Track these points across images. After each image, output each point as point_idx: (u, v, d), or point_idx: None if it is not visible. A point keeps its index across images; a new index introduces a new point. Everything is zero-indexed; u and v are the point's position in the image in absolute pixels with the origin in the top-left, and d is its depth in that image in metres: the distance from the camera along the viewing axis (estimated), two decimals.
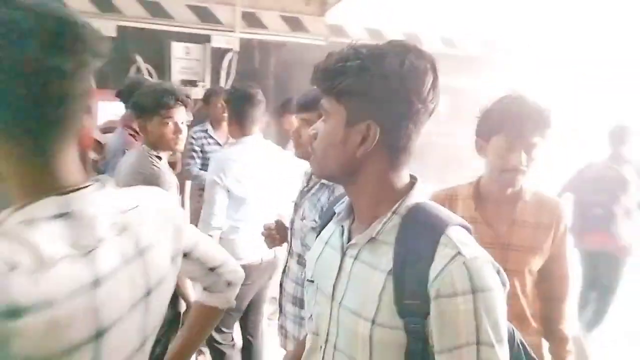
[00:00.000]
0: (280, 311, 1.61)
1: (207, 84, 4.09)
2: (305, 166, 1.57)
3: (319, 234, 0.95)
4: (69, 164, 0.61)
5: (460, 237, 0.73)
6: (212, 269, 0.89)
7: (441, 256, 0.70)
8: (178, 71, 4.06)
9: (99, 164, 2.34)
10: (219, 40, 4.09)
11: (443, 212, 0.79)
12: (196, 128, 3.23)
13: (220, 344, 2.20)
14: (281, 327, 1.60)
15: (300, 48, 4.33)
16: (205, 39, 4.07)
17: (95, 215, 0.60)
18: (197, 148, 3.08)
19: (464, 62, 4.63)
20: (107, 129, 2.93)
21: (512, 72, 4.34)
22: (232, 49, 4.13)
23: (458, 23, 4.65)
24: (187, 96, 1.84)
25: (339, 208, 0.88)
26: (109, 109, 3.51)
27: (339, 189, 1.26)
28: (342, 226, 0.85)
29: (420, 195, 0.81)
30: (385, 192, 0.79)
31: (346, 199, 0.88)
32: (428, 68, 0.75)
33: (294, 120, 1.73)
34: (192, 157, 3.17)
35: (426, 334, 0.70)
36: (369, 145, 0.76)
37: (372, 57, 0.73)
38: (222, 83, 4.15)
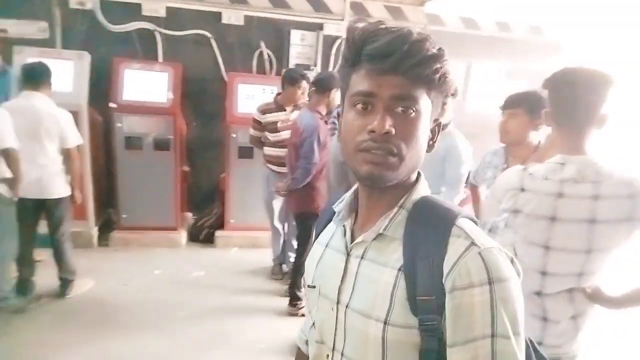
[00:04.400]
0: None
1: (319, 68, 4.53)
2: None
3: (317, 237, 0.90)
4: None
5: (471, 227, 0.70)
6: None
7: (455, 247, 0.67)
8: (294, 56, 4.51)
9: (297, 141, 2.86)
10: (330, 28, 4.53)
11: (449, 204, 0.75)
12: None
13: None
14: None
15: None
16: (318, 27, 4.51)
17: None
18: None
19: (516, 45, 4.93)
20: (265, 110, 3.39)
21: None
22: (341, 36, 4.56)
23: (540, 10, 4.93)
24: None
25: (339, 207, 0.82)
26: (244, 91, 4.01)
27: None
28: (344, 226, 0.81)
29: (425, 189, 0.78)
30: (401, 187, 0.75)
31: (345, 197, 0.83)
32: None
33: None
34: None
35: (442, 331, 0.67)
36: (435, 140, 0.77)
37: (440, 48, 0.70)
38: (330, 67, 4.59)
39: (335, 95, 2.92)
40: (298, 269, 3.11)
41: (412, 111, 0.69)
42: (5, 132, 2.57)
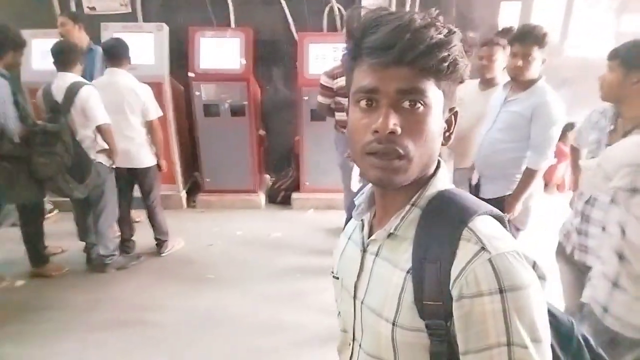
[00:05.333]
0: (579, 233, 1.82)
1: None
2: None
3: (344, 227, 0.90)
4: None
5: (486, 229, 0.65)
6: None
7: (464, 253, 0.63)
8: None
9: None
10: None
11: (469, 200, 0.69)
12: None
13: None
14: (580, 245, 1.82)
15: None
16: None
17: None
18: None
19: None
20: (335, 74, 3.21)
21: None
22: None
23: None
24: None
25: (359, 200, 0.80)
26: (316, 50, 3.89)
27: None
28: (362, 220, 0.79)
29: (443, 182, 0.72)
30: (416, 183, 0.70)
31: (366, 189, 0.80)
32: None
33: None
34: None
35: (450, 335, 0.64)
36: (451, 131, 0.72)
37: (449, 31, 0.63)
38: None
39: None
40: None
41: (420, 105, 0.64)
42: (97, 110, 2.81)
